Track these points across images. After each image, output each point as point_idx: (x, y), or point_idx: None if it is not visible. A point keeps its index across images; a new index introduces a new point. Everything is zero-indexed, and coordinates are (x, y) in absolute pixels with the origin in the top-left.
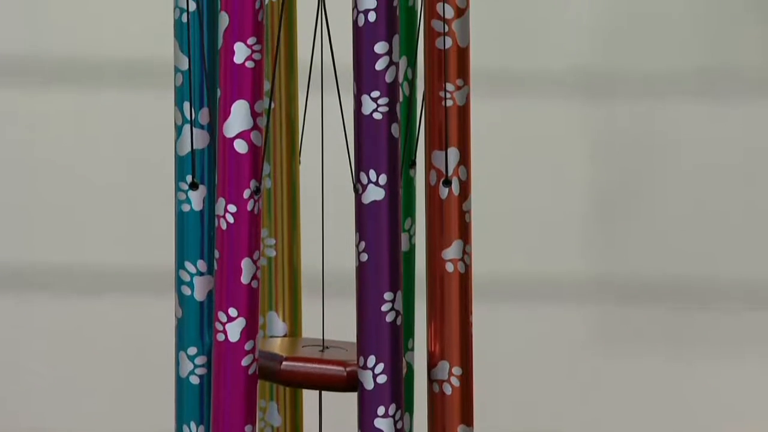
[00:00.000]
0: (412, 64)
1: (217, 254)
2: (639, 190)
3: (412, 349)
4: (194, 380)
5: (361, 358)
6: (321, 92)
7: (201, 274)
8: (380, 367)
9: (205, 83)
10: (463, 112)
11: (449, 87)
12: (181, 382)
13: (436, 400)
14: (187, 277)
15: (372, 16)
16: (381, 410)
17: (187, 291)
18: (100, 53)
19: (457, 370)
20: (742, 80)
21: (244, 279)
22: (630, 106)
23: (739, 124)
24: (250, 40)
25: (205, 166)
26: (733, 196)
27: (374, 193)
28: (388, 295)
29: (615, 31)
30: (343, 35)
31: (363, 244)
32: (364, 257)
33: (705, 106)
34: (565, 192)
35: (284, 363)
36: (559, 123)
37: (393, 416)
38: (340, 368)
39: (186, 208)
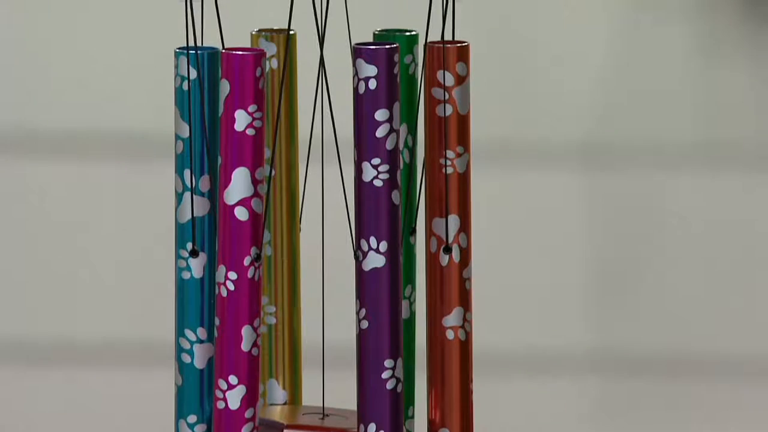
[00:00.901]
0: (412, 131)
1: (217, 321)
2: (638, 263)
3: (413, 417)
4: None
5: (362, 426)
6: (321, 159)
7: (201, 341)
8: None
9: (205, 150)
10: (464, 179)
11: (450, 154)
12: None
13: None
14: (187, 345)
15: (372, 84)
16: None
17: (187, 359)
18: (99, 125)
19: None
20: (741, 153)
21: (245, 346)
22: (630, 179)
23: (739, 197)
24: (251, 108)
25: (205, 234)
26: (734, 268)
27: (375, 261)
28: (388, 363)
29: (615, 103)
30: (343, 102)
31: (363, 311)
32: (365, 324)
33: (704, 178)
34: (565, 263)
35: (285, 431)
36: (558, 193)
37: None
38: None
39: (186, 275)
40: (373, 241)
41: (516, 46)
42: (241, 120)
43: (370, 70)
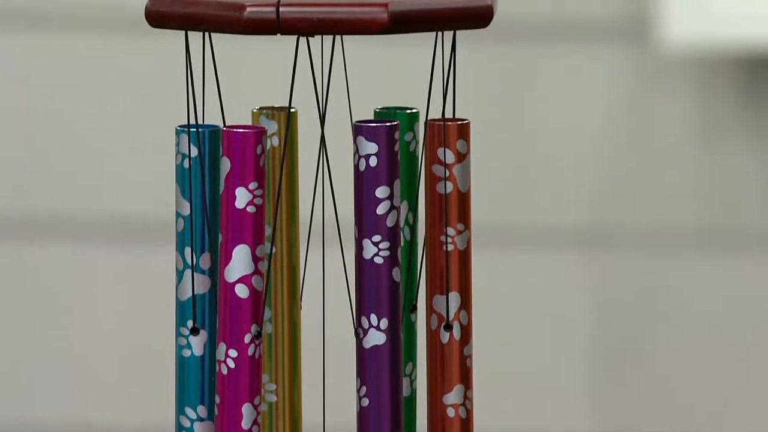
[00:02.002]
0: (413, 208)
1: (217, 399)
2: (640, 345)
3: None
4: None
5: None
6: (322, 236)
7: (201, 419)
8: None
9: (206, 228)
10: (465, 256)
11: (450, 231)
12: None
13: None
14: (187, 423)
15: (373, 161)
16: None
17: None
18: (95, 207)
19: None
20: (742, 236)
21: (245, 424)
22: (630, 261)
23: (739, 279)
24: (252, 185)
25: (206, 311)
26: (736, 350)
27: (375, 338)
28: None
29: (615, 185)
30: (344, 179)
31: (364, 389)
32: (366, 402)
33: (704, 261)
34: (566, 343)
35: None
36: (559, 273)
37: None
38: None
39: (187, 353)
40: (373, 318)
41: (517, 126)
42: (242, 197)
43: (371, 147)
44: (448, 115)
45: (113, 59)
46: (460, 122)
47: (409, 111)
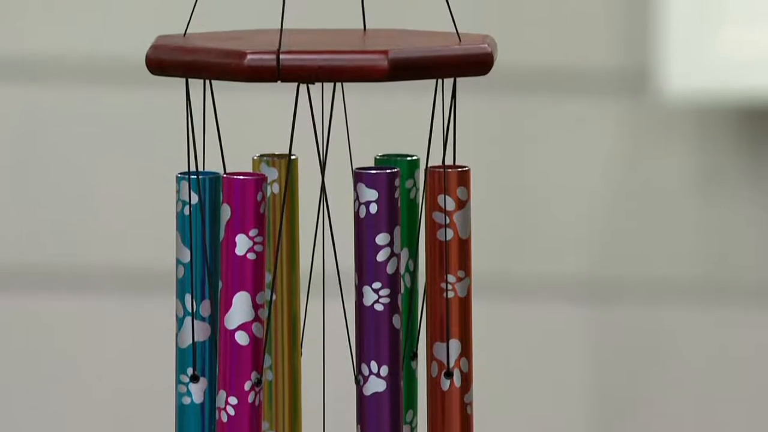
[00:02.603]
0: (413, 255)
1: None
2: (640, 396)
3: None
4: None
5: None
6: (322, 282)
7: None
8: None
9: (206, 275)
10: (465, 303)
11: (450, 278)
12: None
13: None
14: None
15: (373, 208)
16: None
17: None
18: (95, 256)
19: None
20: (742, 288)
21: None
22: (630, 311)
23: (740, 331)
24: (252, 232)
25: (206, 359)
26: (737, 402)
27: (376, 385)
28: None
29: (615, 236)
30: (344, 225)
31: None
32: None
33: (705, 313)
34: (565, 392)
35: None
36: (560, 323)
37: None
38: None
39: (186, 400)
40: (374, 365)
41: (517, 174)
42: (242, 244)
43: (371, 194)
44: (449, 162)
45: (113, 107)
46: (460, 169)
47: (409, 158)
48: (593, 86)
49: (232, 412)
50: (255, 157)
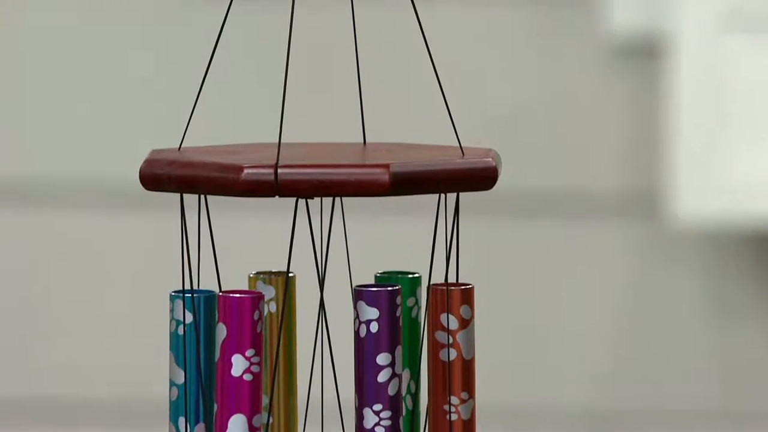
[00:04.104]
0: (415, 376)
1: None
2: None
3: None
4: None
5: None
6: (321, 404)
7: None
8: None
9: (201, 397)
10: (469, 426)
11: (454, 400)
12: None
13: None
14: None
15: (374, 327)
16: None
17: None
18: (83, 392)
19: None
20: (755, 415)
21: None
22: None
23: None
24: (249, 352)
25: None
26: None
27: None
28: None
29: (621, 364)
30: (344, 345)
31: None
32: None
33: None
34: None
35: None
36: None
37: None
38: None
39: None
40: None
41: (523, 294)
42: (239, 365)
43: (372, 312)
44: (452, 279)
45: (106, 226)
46: (463, 287)
47: (411, 275)
48: (602, 209)
49: None
50: (251, 275)
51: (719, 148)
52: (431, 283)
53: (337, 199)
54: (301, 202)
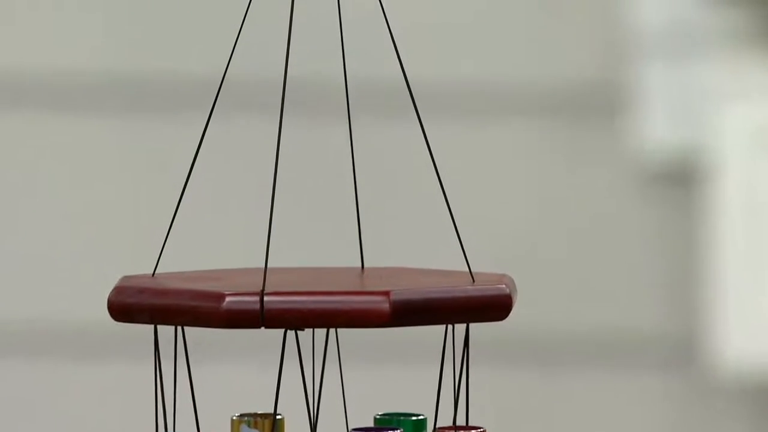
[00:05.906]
0: None
1: None
2: None
3: None
4: None
5: None
6: None
7: None
8: None
9: None
10: None
11: None
12: None
13: None
14: None
15: None
16: None
17: None
18: None
19: None
20: None
21: None
22: None
23: None
24: None
25: None
26: None
27: None
28: None
29: None
30: None
31: None
32: None
33: None
34: None
35: None
36: None
37: None
38: None
39: None
40: None
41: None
42: None
43: None
44: (461, 422)
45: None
46: (474, 431)
47: (414, 417)
48: (634, 356)
49: None
50: (234, 417)
51: (762, 294)
52: (437, 426)
53: (332, 330)
54: (290, 334)
